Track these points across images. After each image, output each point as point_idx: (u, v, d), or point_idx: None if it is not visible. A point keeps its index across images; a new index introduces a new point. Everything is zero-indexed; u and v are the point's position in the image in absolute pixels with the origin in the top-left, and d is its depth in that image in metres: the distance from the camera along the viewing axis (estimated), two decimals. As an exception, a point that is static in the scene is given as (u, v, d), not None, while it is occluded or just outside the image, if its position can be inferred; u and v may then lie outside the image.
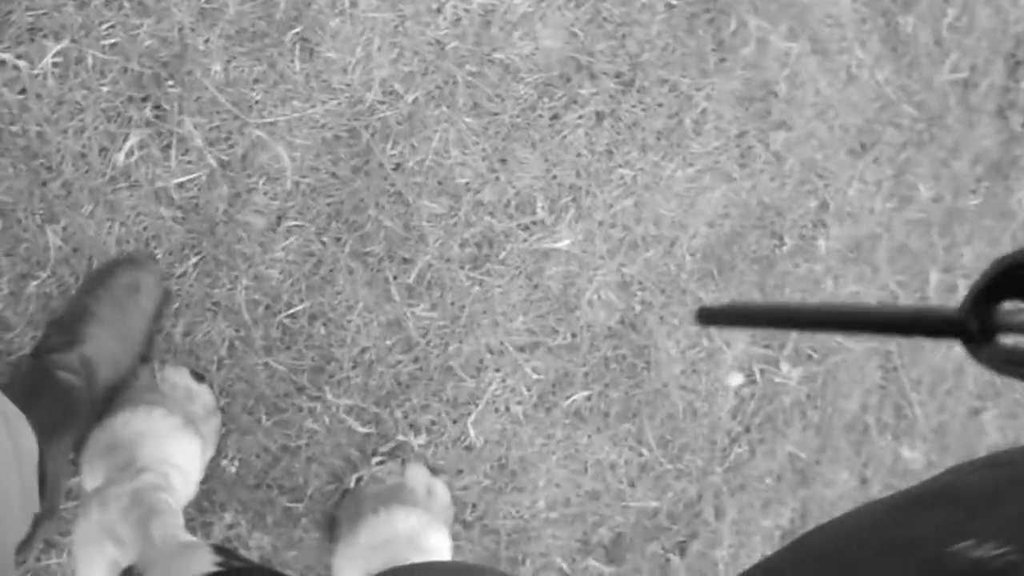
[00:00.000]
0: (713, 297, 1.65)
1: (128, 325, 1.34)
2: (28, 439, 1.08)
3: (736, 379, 1.69)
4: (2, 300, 1.35)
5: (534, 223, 1.54)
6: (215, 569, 1.04)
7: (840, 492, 1.80)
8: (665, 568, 1.68)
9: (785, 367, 1.72)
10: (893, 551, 0.44)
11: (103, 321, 1.32)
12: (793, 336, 1.71)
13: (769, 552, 1.70)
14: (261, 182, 1.43)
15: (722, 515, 1.71)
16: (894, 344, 1.82)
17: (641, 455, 1.63)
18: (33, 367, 1.28)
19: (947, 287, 1.86)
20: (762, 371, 1.70)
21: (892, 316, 0.47)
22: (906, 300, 1.82)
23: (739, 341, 1.67)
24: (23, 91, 1.35)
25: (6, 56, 1.34)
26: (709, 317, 0.58)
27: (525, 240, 1.53)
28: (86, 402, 1.29)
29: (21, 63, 1.34)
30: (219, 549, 1.09)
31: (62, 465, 1.27)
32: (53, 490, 1.21)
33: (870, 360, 1.80)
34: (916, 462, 1.89)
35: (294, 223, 1.44)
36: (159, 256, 1.40)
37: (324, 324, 1.46)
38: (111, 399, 1.36)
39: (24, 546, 1.12)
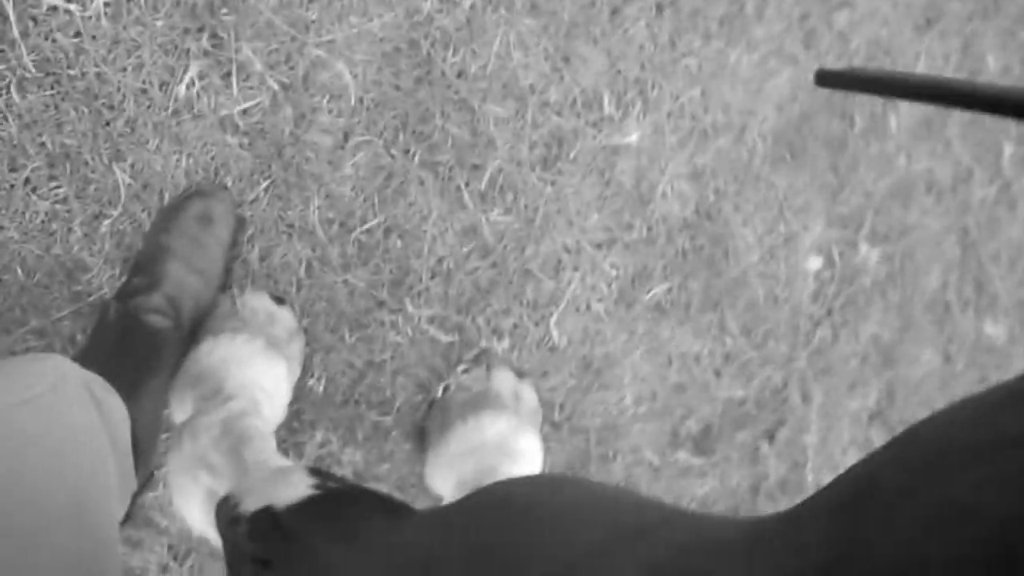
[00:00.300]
0: (786, 183, 1.54)
1: (206, 257, 1.29)
2: (119, 412, 1.04)
3: (815, 263, 1.59)
4: (76, 242, 1.31)
5: (602, 119, 1.45)
6: (311, 492, 1.00)
7: (925, 371, 1.71)
8: (755, 456, 1.61)
9: (863, 248, 1.62)
10: (997, 447, 0.39)
11: (180, 256, 1.27)
12: (870, 216, 1.61)
13: (858, 435, 1.63)
14: (325, 101, 1.35)
15: (808, 400, 1.63)
16: (971, 218, 1.71)
17: (724, 345, 1.55)
18: (120, 313, 1.23)
19: (1020, 159, 1.75)
20: (841, 253, 1.61)
21: (1007, 93, 0.42)
22: (981, 175, 1.71)
23: (816, 224, 1.57)
24: (78, 34, 1.29)
25: (57, 1, 1.27)
26: (827, 79, 0.51)
27: (594, 137, 1.45)
28: (175, 342, 1.26)
29: (72, 6, 1.28)
30: (314, 471, 1.06)
31: (156, 416, 1.24)
32: (147, 453, 1.18)
33: (948, 236, 1.70)
34: (999, 337, 1.80)
35: (361, 139, 1.37)
36: (229, 184, 1.33)
37: (400, 237, 1.39)
38: (195, 333, 1.31)
39: (125, 521, 1.09)
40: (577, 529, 0.63)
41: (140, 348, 1.21)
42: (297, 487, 1.01)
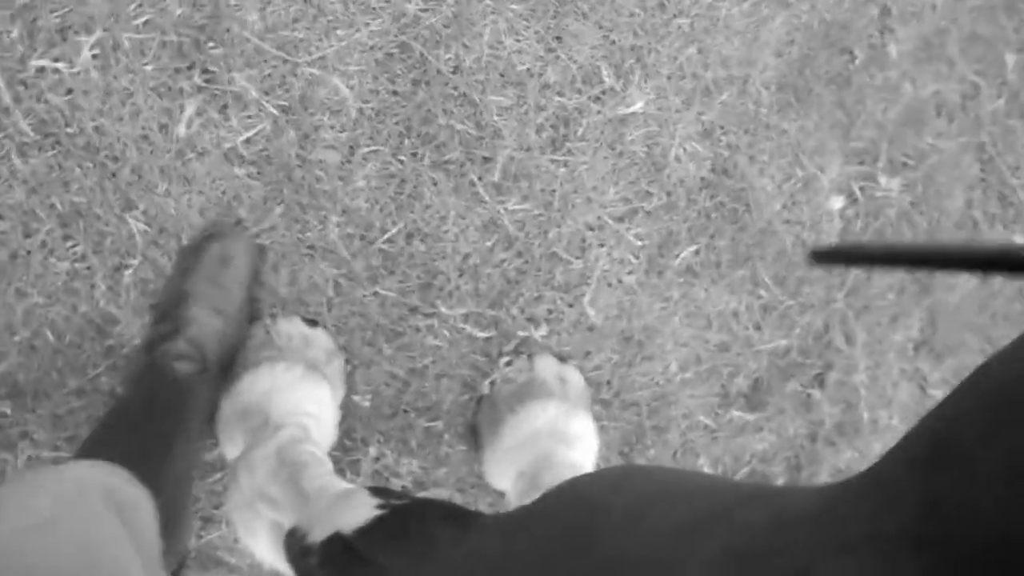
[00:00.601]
0: (796, 127, 1.51)
1: (227, 297, 1.28)
2: (144, 512, 1.00)
3: (838, 202, 1.56)
4: (101, 297, 1.29)
5: (604, 92, 1.42)
6: (377, 512, 0.99)
7: (963, 293, 1.68)
8: (807, 403, 1.58)
9: (883, 179, 1.59)
10: None
11: (201, 299, 1.27)
12: (885, 147, 1.57)
13: (906, 367, 1.60)
14: (325, 118, 1.33)
15: (852, 340, 1.60)
16: (985, 134, 1.67)
17: (761, 297, 1.52)
18: (147, 365, 1.23)
19: (1024, 66, 1.71)
20: (861, 188, 1.57)
21: (1005, 253, 0.40)
22: (988, 89, 1.67)
23: (833, 163, 1.54)
24: (69, 91, 1.28)
25: (44, 62, 1.26)
26: (821, 258, 0.52)
27: (599, 111, 1.42)
28: (203, 384, 1.24)
29: (60, 65, 1.27)
30: (375, 490, 1.06)
31: (190, 464, 1.22)
32: (179, 528, 1.15)
33: (965, 155, 1.66)
34: (1030, 247, 1.75)
35: (368, 149, 1.35)
36: (243, 214, 1.31)
37: (422, 240, 1.37)
38: (227, 371, 1.30)
39: None
40: (650, 522, 0.61)
41: (170, 397, 1.20)
42: (361, 509, 1.00)
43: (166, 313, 1.26)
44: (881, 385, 1.65)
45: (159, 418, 1.17)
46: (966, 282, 1.69)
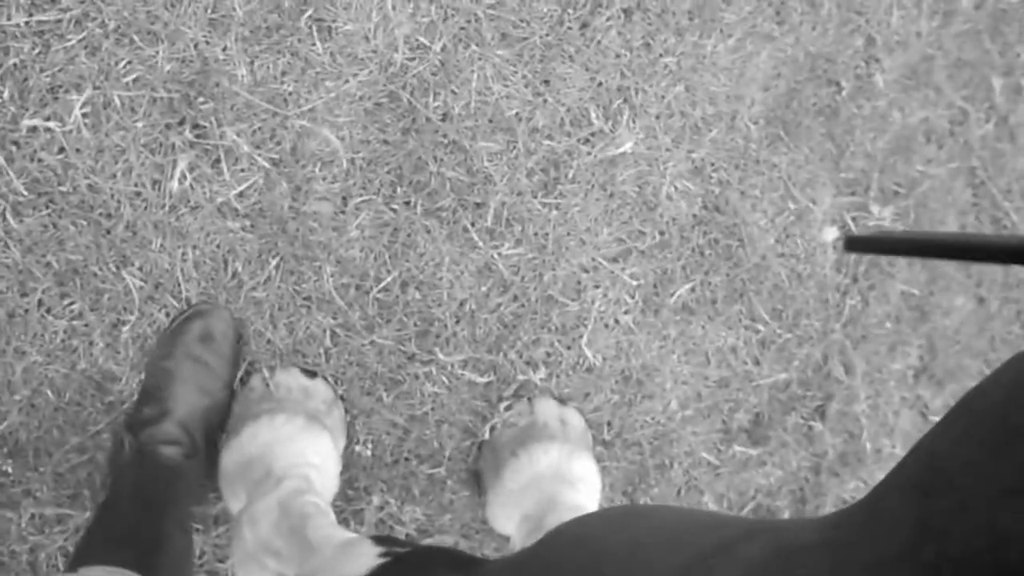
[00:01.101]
0: (787, 160, 1.54)
1: (211, 375, 1.31)
2: None
3: (831, 233, 1.59)
4: (100, 354, 1.31)
5: (593, 134, 1.45)
6: (380, 560, 0.99)
7: (960, 318, 1.70)
8: (809, 435, 1.60)
9: (875, 208, 1.62)
10: None
11: (186, 380, 1.29)
12: (876, 176, 1.60)
13: (907, 395, 1.62)
14: (317, 169, 1.36)
15: (852, 370, 1.62)
16: (975, 158, 1.70)
17: (758, 332, 1.54)
18: (135, 448, 1.25)
19: (1012, 89, 1.74)
20: (854, 218, 1.60)
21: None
22: (976, 114, 1.70)
23: (824, 195, 1.57)
24: (62, 150, 1.30)
25: (35, 122, 1.28)
26: (856, 245, 0.53)
27: (589, 153, 1.44)
28: (191, 468, 1.27)
29: (51, 124, 1.29)
30: (379, 539, 1.06)
31: (186, 545, 1.25)
32: None
33: (956, 180, 1.69)
34: (1026, 270, 1.78)
35: (361, 199, 1.37)
36: (238, 268, 1.33)
37: (417, 288, 1.39)
38: (213, 443, 1.33)
39: None
40: (654, 558, 0.62)
41: (159, 486, 1.22)
42: (364, 559, 1.00)
43: (151, 394, 1.28)
44: (883, 414, 1.67)
45: (151, 511, 1.19)
46: (964, 306, 1.71)
